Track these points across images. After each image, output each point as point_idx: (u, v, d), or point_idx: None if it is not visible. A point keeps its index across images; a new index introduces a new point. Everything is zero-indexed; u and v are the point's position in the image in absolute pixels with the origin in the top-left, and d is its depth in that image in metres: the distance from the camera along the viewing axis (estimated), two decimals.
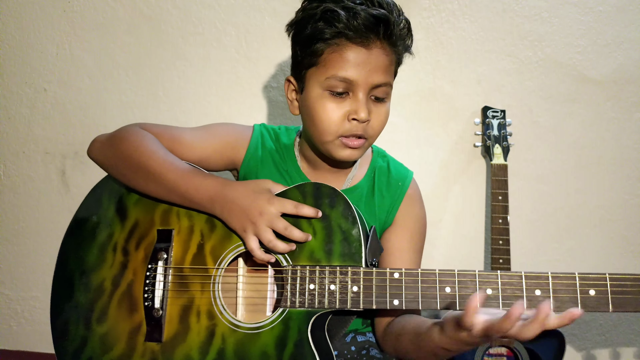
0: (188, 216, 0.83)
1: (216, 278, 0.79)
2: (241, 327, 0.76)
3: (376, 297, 0.71)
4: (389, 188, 0.93)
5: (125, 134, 0.86)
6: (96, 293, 0.83)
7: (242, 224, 0.76)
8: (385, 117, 0.83)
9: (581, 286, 0.65)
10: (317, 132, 0.82)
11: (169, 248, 0.82)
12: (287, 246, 0.75)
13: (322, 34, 0.77)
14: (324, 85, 0.79)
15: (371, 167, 0.95)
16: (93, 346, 0.81)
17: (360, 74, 0.77)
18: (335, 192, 0.77)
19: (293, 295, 0.74)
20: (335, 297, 0.73)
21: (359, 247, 0.74)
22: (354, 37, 0.76)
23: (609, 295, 0.64)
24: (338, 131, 0.80)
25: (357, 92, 0.78)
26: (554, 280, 0.66)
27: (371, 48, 0.77)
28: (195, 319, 0.78)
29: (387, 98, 0.83)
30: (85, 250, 0.86)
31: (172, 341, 0.78)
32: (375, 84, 0.79)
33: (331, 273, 0.73)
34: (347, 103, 0.79)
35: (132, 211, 0.86)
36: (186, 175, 0.81)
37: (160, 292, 0.80)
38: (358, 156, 0.84)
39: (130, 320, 0.81)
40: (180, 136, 0.90)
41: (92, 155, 0.90)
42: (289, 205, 0.76)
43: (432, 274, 0.70)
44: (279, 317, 0.75)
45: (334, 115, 0.79)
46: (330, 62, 0.78)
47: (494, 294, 0.67)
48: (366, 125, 0.80)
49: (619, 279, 0.64)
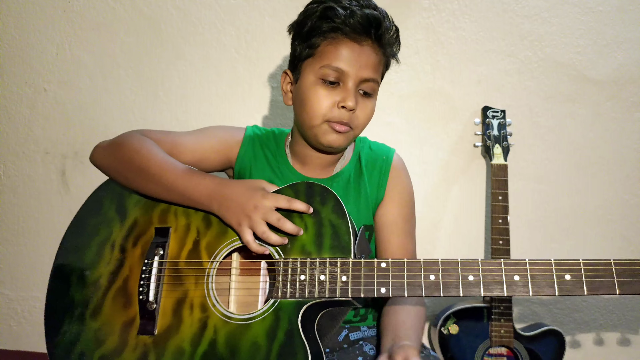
0: (185, 215, 0.87)
1: (210, 271, 0.81)
2: (233, 319, 0.77)
3: (364, 285, 0.74)
4: (375, 164, 1.00)
5: (126, 140, 0.91)
6: (91, 289, 0.84)
7: (238, 218, 0.80)
8: (371, 111, 0.91)
9: (557, 271, 0.69)
10: (307, 117, 0.88)
11: (165, 244, 0.85)
12: (279, 238, 0.78)
13: (321, 28, 0.85)
14: (318, 73, 0.86)
15: (355, 152, 1.02)
16: (85, 341, 0.81)
17: (351, 67, 0.85)
18: (326, 190, 0.81)
19: (284, 286, 0.76)
20: (325, 287, 0.75)
21: (348, 241, 0.77)
22: (349, 32, 0.84)
23: (583, 279, 0.68)
24: (326, 115, 0.87)
25: (347, 83, 0.86)
26: (531, 266, 0.70)
27: (363, 45, 0.86)
28: (189, 311, 0.79)
29: (373, 95, 0.90)
30: (83, 249, 0.88)
31: (164, 334, 0.79)
32: (365, 78, 0.86)
33: (321, 264, 0.76)
34: (337, 92, 0.86)
35: (132, 211, 0.90)
36: (184, 175, 0.85)
37: (155, 286, 0.82)
38: (342, 143, 0.90)
39: (124, 314, 0.82)
40: (178, 140, 0.96)
41: (94, 160, 0.95)
42: (282, 200, 0.80)
43: (417, 262, 0.74)
44: (270, 308, 0.76)
45: (324, 101, 0.86)
46: (325, 54, 0.86)
47: (475, 280, 0.71)
48: (352, 115, 0.87)
49: (592, 264, 0.68)
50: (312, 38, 0.87)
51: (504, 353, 1.32)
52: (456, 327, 1.32)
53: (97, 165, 0.94)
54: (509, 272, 0.70)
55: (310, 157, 0.97)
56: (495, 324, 1.30)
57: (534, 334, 1.32)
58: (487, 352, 1.32)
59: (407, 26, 1.45)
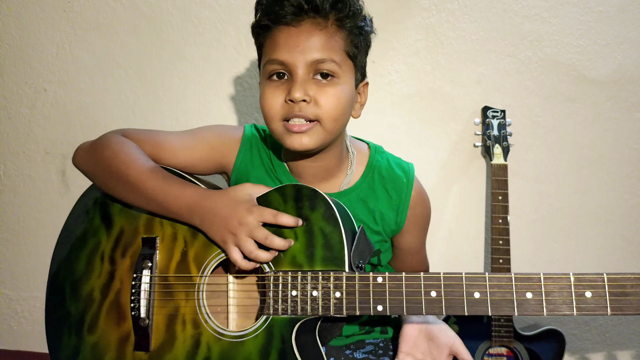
0: (171, 224, 0.82)
1: (200, 286, 0.78)
2: (225, 336, 0.75)
3: (359, 303, 0.69)
4: (394, 185, 0.90)
5: (105, 142, 0.84)
6: (86, 302, 0.83)
7: (221, 235, 0.74)
8: (336, 96, 0.78)
9: (576, 288, 0.60)
10: (267, 122, 0.82)
11: (153, 256, 0.81)
12: (269, 255, 0.73)
13: (257, 25, 0.81)
14: (265, 73, 0.80)
15: (369, 165, 0.92)
16: (84, 355, 0.81)
17: (292, 54, 0.76)
18: (316, 194, 0.75)
19: (275, 303, 0.73)
20: (317, 304, 0.71)
21: (341, 251, 0.71)
22: (281, 18, 0.76)
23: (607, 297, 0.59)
24: (279, 115, 0.78)
25: (294, 72, 0.76)
26: (546, 281, 0.62)
27: (301, 26, 0.76)
28: (181, 327, 0.78)
29: (336, 77, 0.78)
30: (74, 260, 0.86)
31: (159, 350, 0.78)
32: (313, 60, 0.76)
33: (313, 279, 0.71)
34: (285, 86, 0.78)
35: (117, 219, 0.86)
36: (165, 185, 0.79)
37: (146, 302, 0.80)
38: (311, 143, 0.78)
39: (119, 329, 0.81)
40: (164, 141, 0.87)
41: (76, 163, 0.89)
42: (267, 215, 0.73)
43: (417, 277, 0.67)
44: (262, 325, 0.74)
45: (273, 100, 0.78)
46: (266, 49, 0.80)
47: (482, 297, 0.64)
48: (310, 106, 0.77)
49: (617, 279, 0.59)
50: (256, 40, 0.83)
51: (504, 353, 1.32)
52: (456, 327, 1.32)
53: (78, 168, 0.89)
54: (520, 289, 0.62)
55: (303, 167, 0.88)
56: (495, 324, 1.30)
57: (534, 334, 1.32)
58: (487, 352, 1.32)
59: (407, 26, 1.45)
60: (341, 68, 0.78)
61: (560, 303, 0.61)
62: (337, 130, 0.81)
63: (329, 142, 0.82)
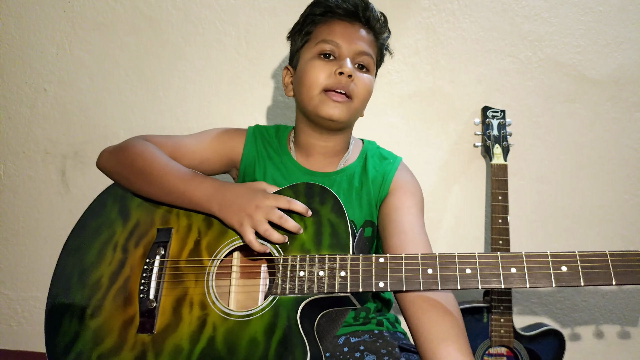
0: (187, 216, 0.88)
1: (210, 270, 0.82)
2: (232, 316, 0.77)
3: (363, 280, 0.74)
4: (380, 165, 1.01)
5: (130, 144, 0.95)
6: (92, 289, 0.85)
7: (239, 218, 0.81)
8: (369, 85, 0.93)
9: (553, 263, 0.69)
10: (305, 90, 0.92)
11: (167, 244, 0.85)
12: (281, 236, 0.79)
13: (314, 14, 0.94)
14: (314, 50, 0.92)
15: (362, 151, 1.03)
16: (84, 340, 0.81)
17: (344, 40, 0.91)
18: (326, 191, 0.83)
19: (283, 282, 0.77)
20: (323, 282, 0.75)
21: (347, 239, 0.78)
22: (340, 14, 0.92)
23: (579, 270, 0.68)
24: (323, 83, 0.90)
25: (343, 54, 0.91)
26: (527, 258, 0.70)
27: (355, 24, 0.93)
28: (188, 309, 0.80)
29: (370, 70, 0.94)
30: (85, 250, 0.89)
31: (163, 332, 0.79)
32: (359, 51, 0.92)
33: (320, 260, 0.77)
34: (333, 63, 0.91)
35: (134, 213, 0.91)
36: (185, 177, 0.88)
37: (155, 284, 0.82)
38: (342, 115, 0.91)
39: (124, 313, 0.82)
40: (180, 143, 0.99)
41: (100, 165, 0.98)
42: (282, 200, 0.81)
43: (415, 257, 0.74)
44: (269, 305, 0.76)
45: (321, 72, 0.90)
46: (320, 33, 0.93)
47: (472, 273, 0.72)
48: (351, 83, 0.90)
49: (587, 256, 0.69)
50: (307, 26, 0.95)
51: (503, 353, 1.32)
52: None
53: (102, 169, 0.98)
54: (506, 265, 0.71)
55: (314, 146, 0.98)
56: (495, 324, 1.30)
57: (534, 334, 1.32)
58: (487, 352, 1.32)
59: (407, 26, 1.45)
60: (371, 66, 0.95)
61: (541, 277, 0.69)
62: (360, 112, 0.96)
63: (351, 120, 0.97)
